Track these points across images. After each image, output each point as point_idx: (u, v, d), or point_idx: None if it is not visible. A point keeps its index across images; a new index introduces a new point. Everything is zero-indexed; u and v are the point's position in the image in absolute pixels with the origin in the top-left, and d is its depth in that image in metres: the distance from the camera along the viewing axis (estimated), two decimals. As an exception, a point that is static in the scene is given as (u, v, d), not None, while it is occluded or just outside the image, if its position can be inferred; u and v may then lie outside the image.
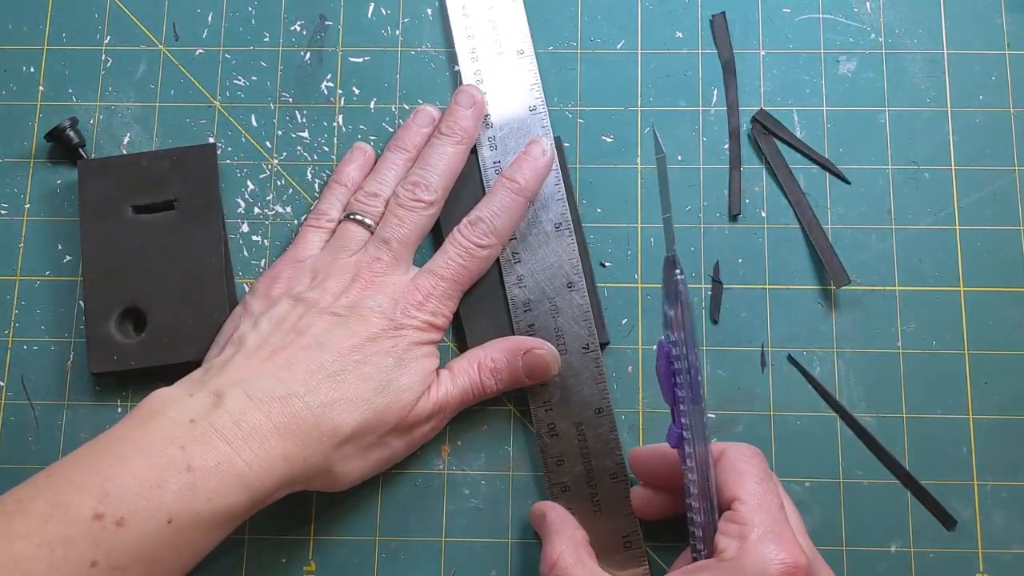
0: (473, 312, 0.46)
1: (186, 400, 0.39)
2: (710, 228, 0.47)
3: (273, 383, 0.39)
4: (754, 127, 0.48)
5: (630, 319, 0.47)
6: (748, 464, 0.38)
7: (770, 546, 0.35)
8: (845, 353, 0.46)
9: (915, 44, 0.49)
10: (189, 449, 0.37)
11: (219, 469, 0.37)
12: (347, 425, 0.40)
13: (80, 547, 0.34)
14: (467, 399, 0.44)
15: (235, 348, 0.42)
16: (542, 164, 0.46)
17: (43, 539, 0.34)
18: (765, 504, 0.37)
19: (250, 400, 0.39)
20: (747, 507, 0.36)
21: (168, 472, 0.36)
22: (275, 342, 0.41)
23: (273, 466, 0.38)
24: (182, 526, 0.36)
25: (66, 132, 0.48)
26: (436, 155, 0.46)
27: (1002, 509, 0.44)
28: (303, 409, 0.39)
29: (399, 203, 0.45)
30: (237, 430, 0.38)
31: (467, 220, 0.45)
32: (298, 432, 0.39)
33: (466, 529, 0.45)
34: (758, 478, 0.38)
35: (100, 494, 0.35)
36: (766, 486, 0.37)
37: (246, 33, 0.50)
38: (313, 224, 0.46)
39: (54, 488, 0.35)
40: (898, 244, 0.47)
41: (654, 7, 0.50)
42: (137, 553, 0.35)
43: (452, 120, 0.46)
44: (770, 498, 0.37)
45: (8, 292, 0.48)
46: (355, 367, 0.41)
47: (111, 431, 0.38)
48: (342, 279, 0.43)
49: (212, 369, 0.41)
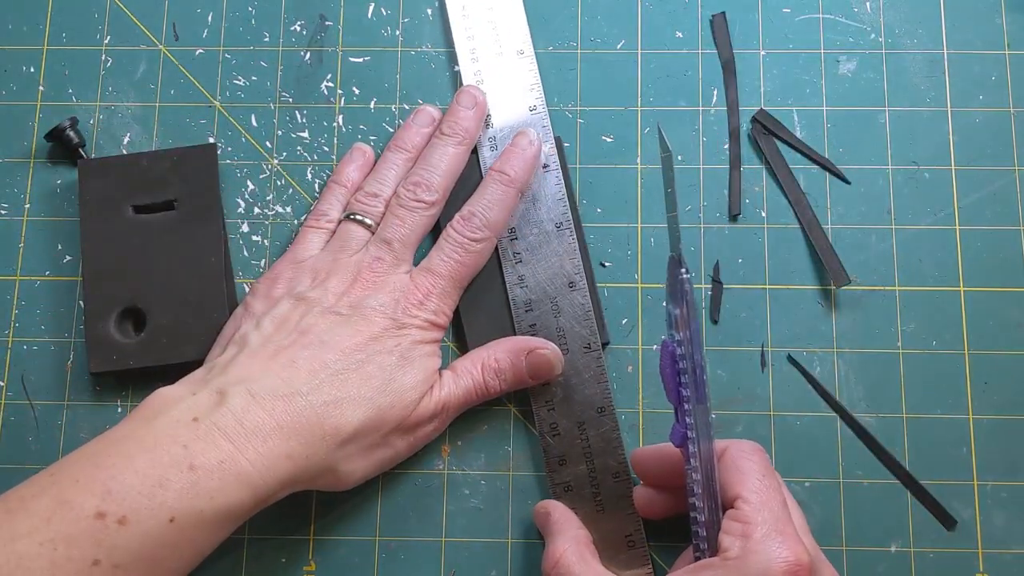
0: (474, 312, 0.46)
1: (189, 399, 0.39)
2: (710, 228, 0.48)
3: (276, 382, 0.39)
4: (754, 127, 0.48)
5: (630, 319, 0.47)
6: (750, 461, 0.38)
7: (774, 544, 0.35)
8: (845, 353, 0.46)
9: (915, 44, 0.49)
10: (192, 447, 0.37)
11: (222, 468, 0.37)
12: (350, 424, 0.40)
13: (82, 545, 0.34)
14: (470, 399, 0.44)
15: (238, 347, 0.42)
16: (530, 154, 0.46)
17: (45, 537, 0.34)
18: (768, 502, 0.37)
19: (253, 398, 0.39)
20: (750, 505, 0.36)
21: (171, 470, 0.36)
22: (278, 341, 0.41)
23: (276, 465, 0.38)
24: (184, 525, 0.36)
25: (66, 132, 0.48)
26: (438, 155, 0.46)
27: (1002, 509, 0.44)
28: (306, 408, 0.39)
29: (400, 203, 0.45)
30: (240, 428, 0.38)
31: (459, 216, 0.45)
32: (301, 431, 0.39)
33: (466, 529, 0.45)
34: (760, 475, 0.38)
35: (103, 492, 0.35)
36: (768, 483, 0.37)
37: (246, 33, 0.50)
38: (313, 225, 0.46)
39: (57, 486, 0.36)
40: (898, 244, 0.47)
41: (654, 7, 0.50)
42: (139, 551, 0.35)
43: (454, 120, 0.47)
44: (773, 495, 0.37)
45: (8, 292, 0.48)
46: (358, 366, 0.41)
47: (115, 429, 0.38)
48: (343, 279, 0.43)
49: (215, 368, 0.41)
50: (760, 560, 0.35)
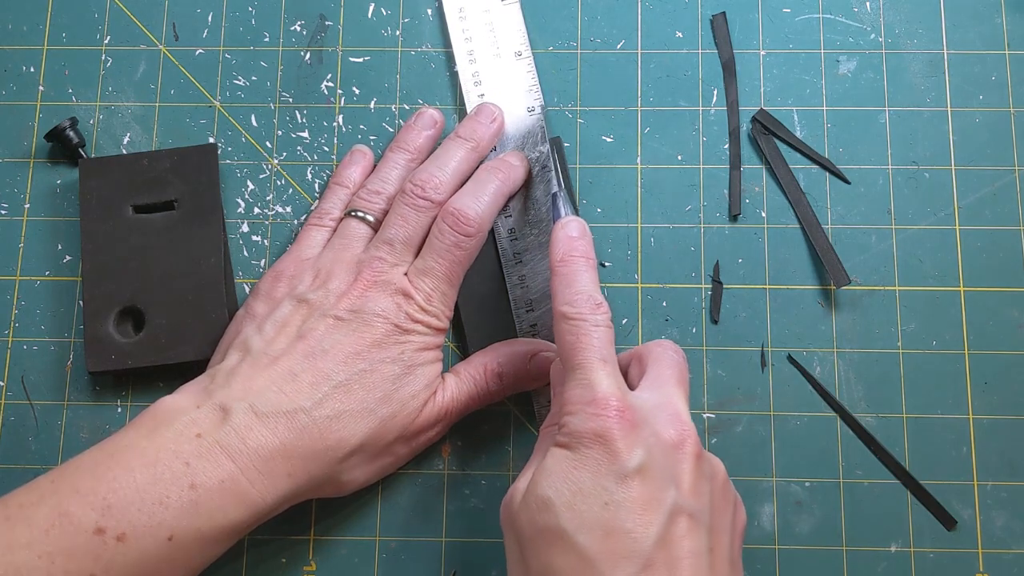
0: (474, 313, 0.46)
1: (193, 412, 0.38)
2: (710, 228, 0.48)
3: (279, 397, 0.39)
4: (754, 127, 0.48)
5: (630, 319, 0.47)
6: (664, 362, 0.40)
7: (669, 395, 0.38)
8: (845, 353, 0.46)
9: (915, 44, 0.49)
10: (194, 465, 0.37)
11: (222, 488, 0.37)
12: (354, 437, 0.40)
13: (80, 560, 0.34)
14: (472, 404, 0.44)
15: (240, 354, 0.41)
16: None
17: (44, 550, 0.34)
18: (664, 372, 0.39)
19: (256, 417, 0.38)
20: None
21: (172, 488, 0.36)
22: (278, 347, 0.41)
23: (277, 484, 0.38)
24: (182, 543, 0.36)
25: (66, 132, 0.48)
26: (450, 155, 0.45)
27: (1002, 509, 0.44)
28: (309, 424, 0.39)
29: (404, 201, 0.44)
30: (243, 447, 0.38)
31: (446, 211, 0.43)
32: (303, 448, 0.39)
33: (466, 529, 0.45)
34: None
35: (103, 507, 0.35)
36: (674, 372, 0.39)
37: (246, 33, 0.50)
38: (316, 223, 0.46)
39: (58, 495, 0.35)
40: (898, 244, 0.47)
41: (654, 7, 0.50)
42: (136, 568, 0.35)
43: (472, 128, 0.46)
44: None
45: (8, 292, 0.48)
46: (360, 376, 0.40)
47: (117, 437, 0.38)
48: (344, 279, 0.43)
49: (218, 377, 0.40)
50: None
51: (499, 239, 0.47)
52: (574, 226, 0.41)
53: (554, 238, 0.40)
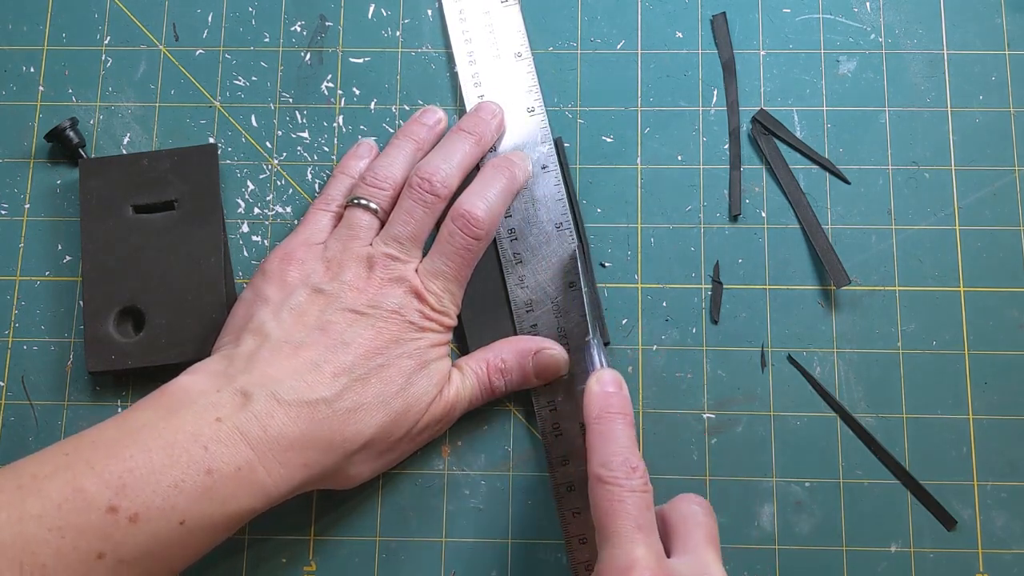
0: (475, 313, 0.46)
1: (213, 395, 0.38)
2: (710, 228, 0.48)
3: (301, 386, 0.39)
4: (754, 127, 0.48)
5: (630, 319, 0.47)
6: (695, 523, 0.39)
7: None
8: (845, 353, 0.46)
9: (915, 44, 0.49)
10: (212, 450, 0.36)
11: (238, 475, 0.37)
12: (368, 429, 0.40)
13: (90, 538, 0.34)
14: (476, 400, 0.44)
15: (257, 340, 0.41)
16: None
17: (55, 524, 0.34)
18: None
19: (278, 403, 0.38)
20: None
21: (188, 473, 0.36)
22: (299, 337, 0.41)
23: (292, 474, 0.38)
24: (193, 527, 0.36)
25: (66, 132, 0.48)
26: (455, 148, 0.45)
27: (1002, 509, 0.44)
28: (330, 416, 0.39)
29: (411, 196, 0.44)
30: (263, 435, 0.37)
31: (456, 213, 0.44)
32: (321, 439, 0.39)
33: (466, 529, 0.45)
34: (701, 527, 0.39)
35: (118, 486, 0.35)
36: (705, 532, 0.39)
37: (246, 33, 0.50)
38: (322, 207, 0.46)
39: (72, 470, 0.35)
40: (898, 244, 0.47)
41: (654, 7, 0.50)
42: (145, 549, 0.35)
43: (475, 122, 0.46)
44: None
45: (8, 292, 0.48)
46: (378, 370, 0.41)
47: (133, 415, 0.38)
48: (356, 272, 0.42)
49: (236, 360, 0.40)
50: None
51: (499, 239, 0.47)
52: (609, 379, 0.41)
53: (589, 391, 0.40)
